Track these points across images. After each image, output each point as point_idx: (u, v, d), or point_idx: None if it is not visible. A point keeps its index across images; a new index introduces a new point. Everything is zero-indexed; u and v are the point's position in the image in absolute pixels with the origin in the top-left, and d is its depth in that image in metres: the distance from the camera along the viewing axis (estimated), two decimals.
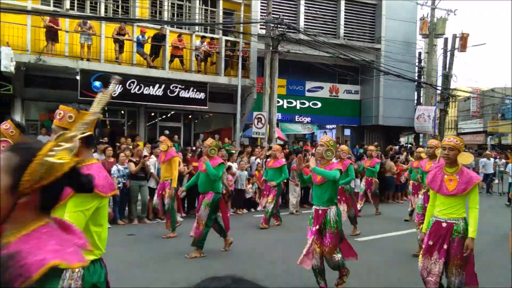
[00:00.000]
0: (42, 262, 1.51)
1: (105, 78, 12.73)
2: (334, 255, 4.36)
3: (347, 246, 4.72)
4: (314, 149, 12.68)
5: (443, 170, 3.84)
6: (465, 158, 3.72)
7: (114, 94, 12.94)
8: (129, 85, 13.12)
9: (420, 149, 10.06)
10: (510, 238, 3.03)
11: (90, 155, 2.22)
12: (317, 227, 4.39)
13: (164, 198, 7.34)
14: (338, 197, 7.58)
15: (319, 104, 19.52)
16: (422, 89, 21.86)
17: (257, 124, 14.31)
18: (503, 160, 17.31)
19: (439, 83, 21.49)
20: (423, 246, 3.84)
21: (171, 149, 7.58)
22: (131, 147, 9.36)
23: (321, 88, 19.66)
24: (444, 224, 3.72)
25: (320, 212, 4.45)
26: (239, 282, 0.61)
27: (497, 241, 7.25)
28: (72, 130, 1.98)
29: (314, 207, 4.58)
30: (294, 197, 10.34)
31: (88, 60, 12.65)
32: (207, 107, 14.59)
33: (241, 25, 15.60)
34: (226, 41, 15.04)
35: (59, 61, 12.15)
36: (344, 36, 18.65)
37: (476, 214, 3.64)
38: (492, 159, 16.26)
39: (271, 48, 14.64)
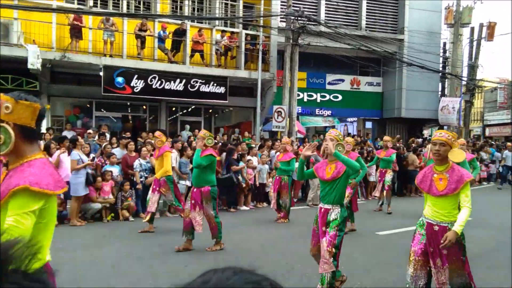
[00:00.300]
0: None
1: (127, 74, 12.98)
2: (327, 259, 3.95)
3: None
4: None
5: (433, 168, 3.55)
6: (456, 155, 3.37)
7: (136, 89, 13.20)
8: (151, 81, 13.32)
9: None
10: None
11: (34, 150, 1.97)
12: (324, 228, 4.08)
13: (162, 195, 7.24)
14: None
15: (340, 97, 19.31)
16: (446, 80, 21.33)
17: (277, 117, 14.30)
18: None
19: (465, 73, 20.91)
20: (414, 252, 3.50)
21: (165, 144, 7.37)
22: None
23: (342, 80, 19.43)
24: (436, 228, 3.43)
25: (323, 210, 4.14)
26: (239, 273, 0.63)
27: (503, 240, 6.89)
28: (10, 122, 1.85)
29: (320, 205, 4.24)
30: (312, 192, 10.31)
31: (111, 56, 12.89)
32: (227, 101, 14.67)
33: (261, 18, 15.56)
34: (246, 34, 15.04)
35: (83, 58, 12.43)
36: (366, 27, 18.33)
37: (468, 212, 3.33)
38: None
39: (291, 41, 14.55)
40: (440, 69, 20.24)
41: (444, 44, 21.26)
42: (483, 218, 8.58)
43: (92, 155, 8.47)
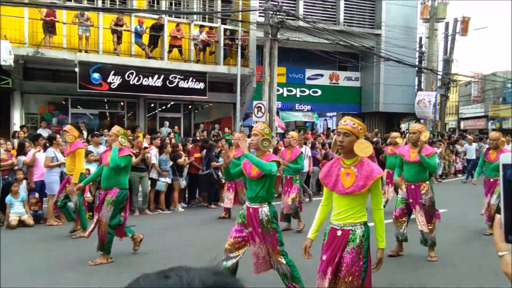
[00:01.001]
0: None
1: (104, 70, 12.72)
2: (280, 258, 3.67)
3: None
4: (313, 137, 12.69)
5: (340, 161, 3.00)
6: (362, 148, 2.83)
7: (113, 85, 12.95)
8: (128, 77, 13.10)
9: (394, 133, 9.23)
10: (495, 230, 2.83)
11: None
12: (256, 229, 3.70)
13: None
14: (285, 188, 6.98)
15: (319, 92, 19.45)
16: (422, 74, 21.72)
17: (257, 113, 14.29)
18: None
19: (440, 68, 21.34)
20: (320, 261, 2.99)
21: (78, 140, 6.82)
22: (131, 138, 9.36)
23: (321, 75, 19.56)
24: (339, 233, 2.91)
25: (251, 211, 3.75)
26: (168, 278, 0.58)
27: (468, 238, 6.77)
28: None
29: (246, 205, 3.85)
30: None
31: (86, 51, 12.61)
32: (206, 97, 14.57)
33: (240, 13, 15.48)
34: (225, 29, 14.94)
35: (57, 54, 12.12)
36: (344, 22, 18.48)
37: (382, 216, 2.91)
38: (474, 144, 15.34)
39: (270, 36, 14.54)
40: (417, 63, 20.62)
41: (420, 39, 21.63)
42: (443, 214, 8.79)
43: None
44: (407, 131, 25.58)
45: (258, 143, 3.79)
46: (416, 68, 20.48)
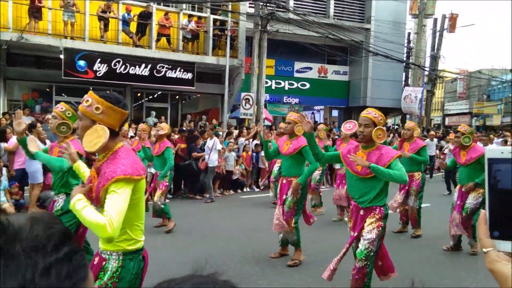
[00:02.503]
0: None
1: (90, 57, 12.50)
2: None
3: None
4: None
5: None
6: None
7: (99, 74, 12.75)
8: (115, 65, 12.91)
9: (320, 126, 8.32)
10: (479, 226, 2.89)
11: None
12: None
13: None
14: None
15: (308, 85, 19.47)
16: (410, 70, 21.93)
17: (245, 105, 14.25)
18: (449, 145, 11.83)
19: (427, 64, 21.55)
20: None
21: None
22: None
23: (310, 68, 19.56)
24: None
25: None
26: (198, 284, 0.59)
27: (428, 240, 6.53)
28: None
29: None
30: None
31: (72, 38, 12.36)
32: (194, 88, 14.46)
33: (230, 3, 15.33)
34: (214, 20, 14.79)
35: (42, 39, 11.85)
36: (334, 15, 18.47)
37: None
38: (435, 140, 14.65)
39: (260, 28, 14.45)
40: (404, 59, 20.78)
41: (409, 34, 21.78)
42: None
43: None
44: (393, 126, 25.88)
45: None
46: (404, 64, 20.64)
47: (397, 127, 22.95)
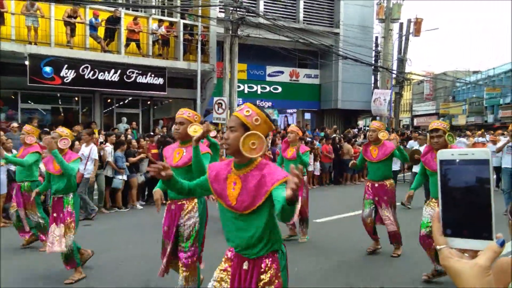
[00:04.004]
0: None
1: (56, 63, 12.18)
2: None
3: None
4: (273, 134, 12.78)
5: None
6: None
7: (67, 80, 12.44)
8: (83, 70, 12.62)
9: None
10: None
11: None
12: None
13: None
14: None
15: (280, 89, 19.63)
16: (378, 73, 22.46)
17: (218, 109, 14.20)
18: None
19: (395, 67, 22.14)
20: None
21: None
22: (86, 134, 9.02)
23: (282, 72, 19.74)
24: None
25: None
26: None
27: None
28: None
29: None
30: None
31: (35, 44, 12.01)
32: (166, 93, 14.32)
33: (200, 8, 15.29)
34: (184, 24, 14.71)
35: (5, 45, 11.44)
36: (304, 20, 18.73)
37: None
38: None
39: (230, 32, 14.48)
40: (373, 62, 21.28)
41: (376, 38, 22.33)
42: None
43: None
44: (364, 127, 26.41)
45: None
46: (373, 67, 21.14)
47: (367, 128, 23.41)
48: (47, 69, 12.05)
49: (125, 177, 8.73)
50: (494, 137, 11.04)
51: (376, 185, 5.35)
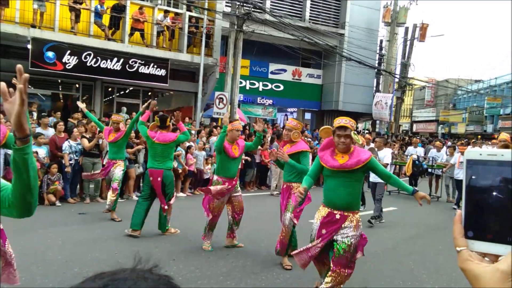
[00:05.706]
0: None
1: (59, 49, 12.09)
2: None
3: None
4: (272, 132, 12.77)
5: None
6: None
7: (69, 66, 12.36)
8: (85, 58, 12.53)
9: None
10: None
11: None
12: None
13: None
14: None
15: (282, 87, 19.58)
16: (381, 76, 22.46)
17: (218, 104, 14.17)
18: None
19: (398, 71, 22.14)
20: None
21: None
22: (84, 122, 8.98)
23: (284, 70, 19.69)
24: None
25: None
26: (117, 281, 0.54)
27: (413, 235, 7.48)
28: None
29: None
30: (275, 180, 10.68)
31: (40, 28, 11.91)
32: (167, 85, 14.24)
33: (206, 1, 15.20)
34: (190, 16, 14.63)
35: (8, 28, 11.34)
36: (310, 19, 18.67)
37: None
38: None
39: (235, 27, 14.41)
40: (376, 65, 21.27)
41: (381, 41, 22.31)
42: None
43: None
44: (364, 130, 26.40)
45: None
46: (375, 70, 21.12)
47: (367, 131, 23.42)
48: (50, 54, 11.96)
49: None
50: (463, 148, 10.08)
51: (285, 186, 5.07)
